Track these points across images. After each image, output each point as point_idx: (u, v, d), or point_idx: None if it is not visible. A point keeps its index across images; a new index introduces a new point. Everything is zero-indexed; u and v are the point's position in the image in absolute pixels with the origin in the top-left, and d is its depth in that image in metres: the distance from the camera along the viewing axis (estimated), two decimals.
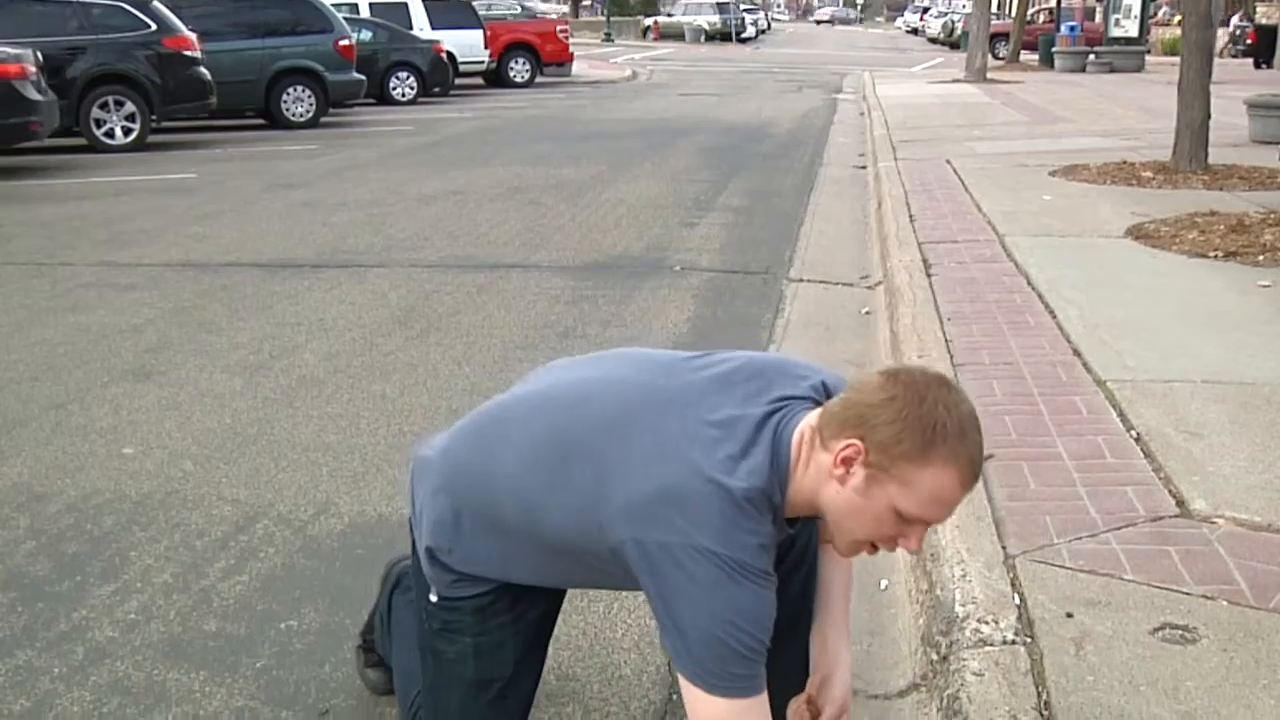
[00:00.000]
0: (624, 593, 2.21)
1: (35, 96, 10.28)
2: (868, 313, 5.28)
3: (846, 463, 1.55)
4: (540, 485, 1.69)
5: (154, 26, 11.80)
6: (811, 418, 1.62)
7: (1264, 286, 5.04)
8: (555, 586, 1.90)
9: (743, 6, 59.52)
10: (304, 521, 3.10)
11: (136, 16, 11.75)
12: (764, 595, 1.57)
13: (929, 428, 1.50)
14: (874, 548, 1.64)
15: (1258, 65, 24.41)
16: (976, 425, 1.56)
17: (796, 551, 1.86)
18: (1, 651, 2.47)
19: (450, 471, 1.83)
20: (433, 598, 1.87)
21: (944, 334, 4.34)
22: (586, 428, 1.69)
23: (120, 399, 4.12)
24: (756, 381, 1.68)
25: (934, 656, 2.30)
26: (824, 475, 1.58)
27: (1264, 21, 27.73)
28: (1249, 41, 26.54)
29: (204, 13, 13.51)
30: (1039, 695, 2.04)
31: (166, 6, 12.41)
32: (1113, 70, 23.27)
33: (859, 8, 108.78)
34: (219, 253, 6.69)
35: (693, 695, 1.58)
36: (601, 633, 2.51)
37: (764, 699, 1.59)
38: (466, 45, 20.45)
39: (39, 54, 10.39)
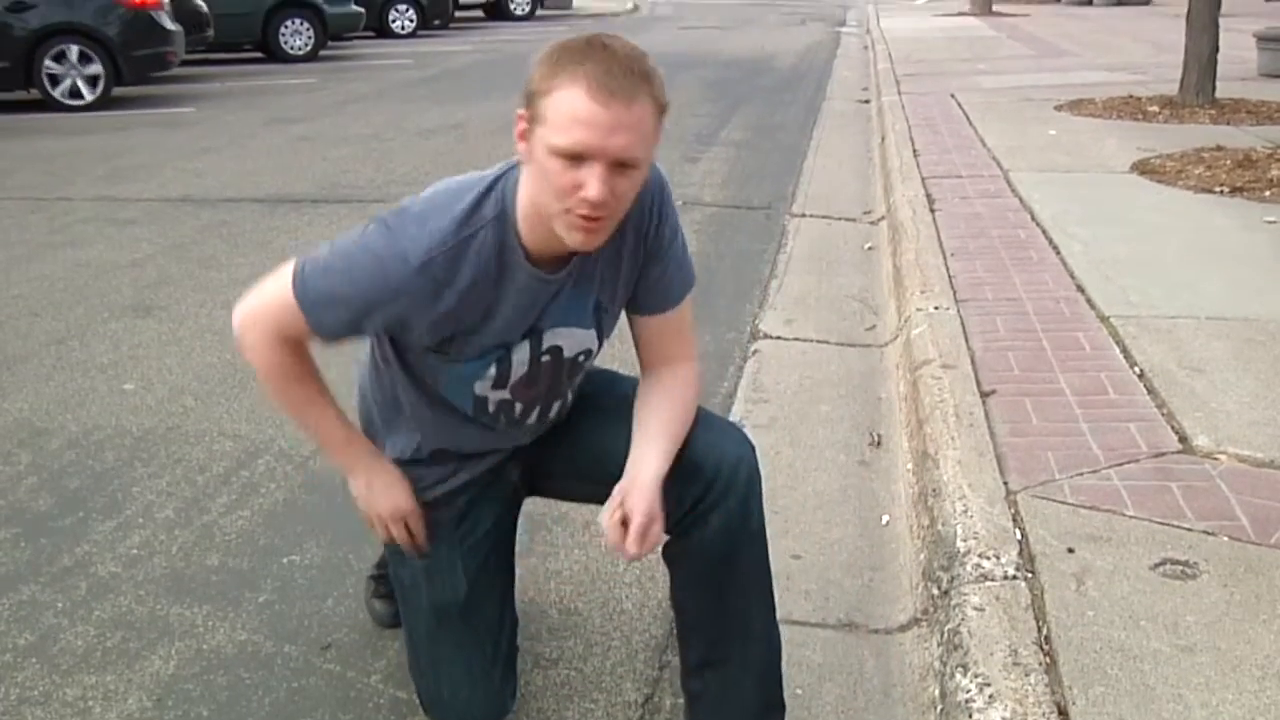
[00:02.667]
0: None
1: (170, 26, 10.45)
2: (870, 248, 5.24)
3: (522, 136, 1.56)
4: None
5: None
6: None
7: (1270, 222, 4.99)
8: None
9: None
10: (305, 457, 3.09)
11: None
12: (384, 283, 1.61)
13: (552, 56, 1.52)
14: (580, 217, 1.53)
15: None
16: (612, 49, 1.54)
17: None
18: (5, 586, 2.47)
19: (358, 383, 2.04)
20: None
21: (947, 270, 4.31)
22: None
23: (120, 334, 4.10)
24: None
25: (935, 591, 2.30)
26: (527, 169, 1.60)
27: None
28: None
29: None
30: (1039, 630, 2.04)
31: None
32: (1121, 3, 22.94)
33: None
34: (218, 188, 6.64)
35: (285, 274, 1.70)
36: (603, 568, 2.51)
37: (302, 320, 1.69)
38: None
39: None
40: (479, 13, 21.43)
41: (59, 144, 8.35)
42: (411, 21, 18.11)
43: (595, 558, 2.54)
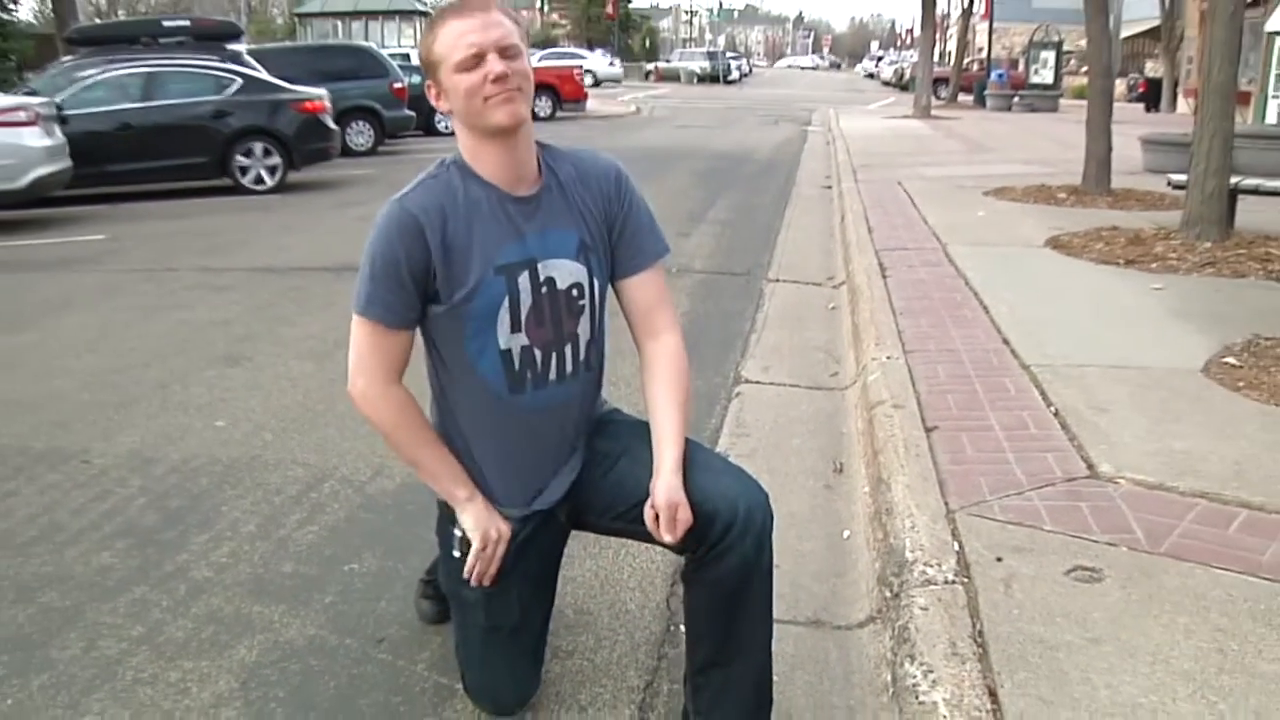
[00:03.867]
0: (630, 541, 2.20)
1: (332, 126, 11.04)
2: (834, 308, 5.26)
3: (438, 98, 1.70)
4: None
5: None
6: None
7: (1156, 289, 5.02)
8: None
9: (729, 54, 59.23)
10: (363, 481, 3.10)
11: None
12: (389, 237, 1.68)
13: (427, 28, 1.69)
14: (496, 96, 1.64)
15: (1148, 109, 24.68)
16: None
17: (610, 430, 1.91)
18: (120, 588, 2.48)
19: None
20: (455, 554, 1.85)
21: (897, 326, 4.32)
22: None
23: (214, 381, 4.11)
24: None
25: (887, 594, 2.30)
26: (455, 125, 1.73)
27: (1152, 74, 27.93)
28: (1141, 90, 26.83)
29: (286, 62, 13.40)
30: (974, 625, 2.04)
31: (256, 58, 12.37)
32: (1033, 110, 23.22)
33: (825, 58, 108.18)
34: (294, 259, 6.68)
35: (354, 318, 1.75)
36: (611, 574, 2.51)
37: (384, 333, 1.72)
38: None
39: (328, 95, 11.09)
40: None
41: (166, 226, 8.42)
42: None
43: (605, 566, 2.54)
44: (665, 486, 1.69)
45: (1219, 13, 5.99)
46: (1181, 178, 6.51)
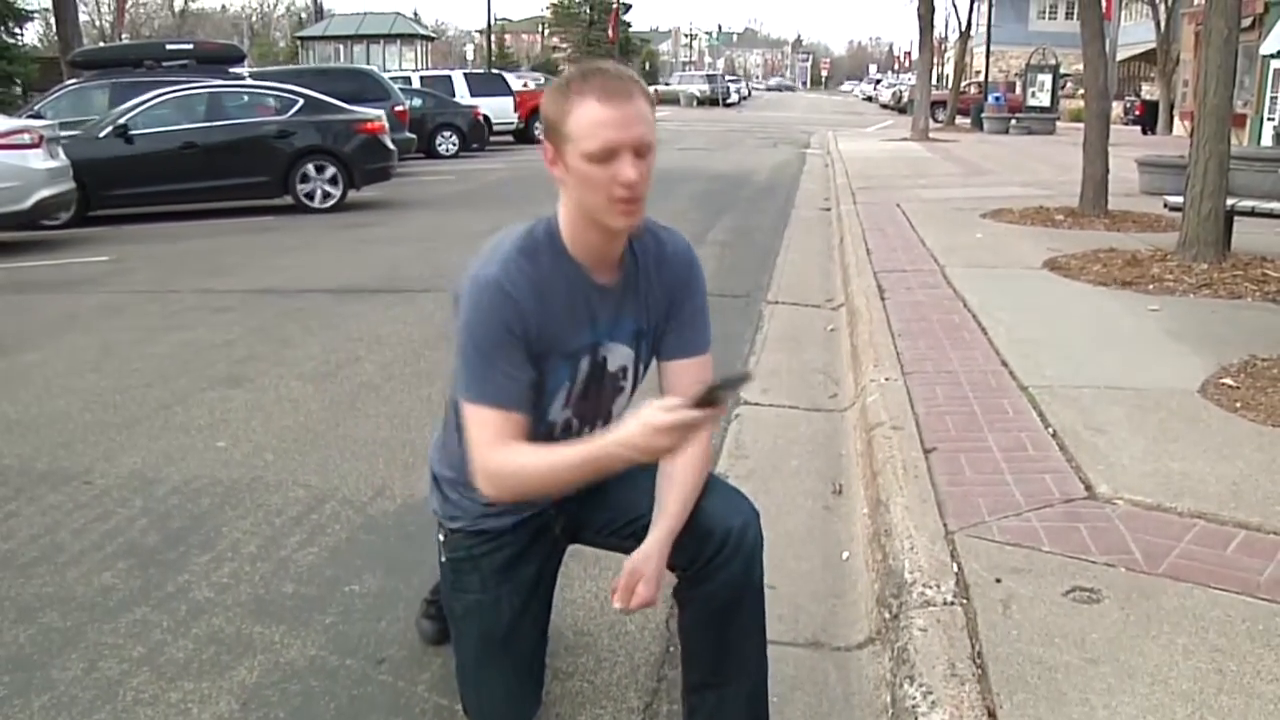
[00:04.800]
0: None
1: (391, 146, 11.06)
2: (832, 330, 5.28)
3: (553, 164, 1.59)
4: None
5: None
6: None
7: (1153, 310, 5.04)
8: None
9: (728, 77, 59.67)
10: (364, 502, 3.11)
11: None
12: (494, 311, 1.59)
13: (562, 90, 1.56)
14: (621, 202, 1.56)
15: (1144, 131, 24.84)
16: (605, 68, 1.58)
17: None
18: (121, 608, 2.48)
19: (433, 460, 1.95)
20: (443, 559, 1.89)
21: (895, 348, 4.34)
22: None
23: (215, 402, 4.12)
24: None
25: (887, 615, 2.30)
26: (563, 194, 1.63)
27: (1148, 97, 28.16)
28: (1137, 113, 27.03)
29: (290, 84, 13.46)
30: (973, 646, 2.05)
31: (258, 78, 12.47)
32: (1030, 133, 23.32)
33: (823, 81, 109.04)
34: (295, 281, 6.70)
35: (461, 403, 1.64)
36: (610, 596, 2.50)
37: (499, 413, 1.60)
38: (499, 109, 20.48)
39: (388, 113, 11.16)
40: (509, 137, 21.73)
41: (168, 248, 8.46)
42: (454, 145, 18.35)
43: (604, 587, 2.54)
44: (640, 554, 1.69)
45: (1214, 36, 6.05)
46: (1178, 200, 6.55)
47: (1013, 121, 24.56)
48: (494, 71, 25.80)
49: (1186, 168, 6.40)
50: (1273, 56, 17.56)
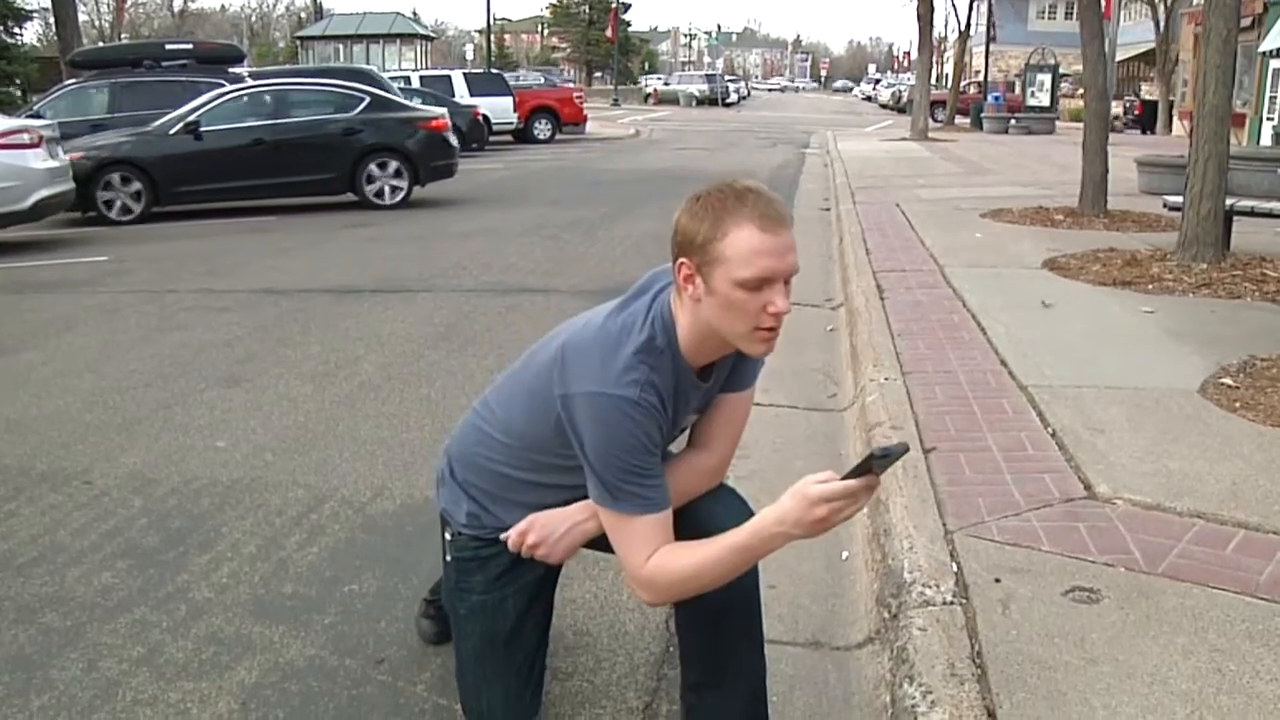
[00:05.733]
0: None
1: (454, 143, 11.13)
2: (832, 330, 5.29)
3: (688, 280, 1.55)
4: (519, 412, 1.77)
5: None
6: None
7: (1152, 310, 5.04)
8: (534, 501, 1.83)
9: (727, 77, 59.68)
10: (364, 503, 3.11)
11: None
12: (637, 427, 1.55)
13: (712, 209, 1.53)
14: (766, 330, 1.56)
15: (1143, 131, 24.81)
16: (759, 191, 1.55)
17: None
18: (120, 608, 2.48)
19: (455, 454, 1.93)
20: (448, 558, 1.90)
21: (895, 348, 4.34)
22: (538, 364, 1.74)
23: (215, 402, 4.12)
24: (642, 294, 1.70)
25: (886, 615, 2.30)
26: (688, 307, 1.59)
27: (1147, 97, 28.17)
28: (1136, 113, 27.03)
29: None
30: (972, 646, 2.05)
31: (258, 78, 12.46)
32: (1030, 133, 23.34)
33: (821, 80, 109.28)
34: (294, 281, 6.71)
35: (601, 512, 1.62)
36: (610, 596, 2.51)
37: (649, 519, 1.58)
38: (499, 109, 20.49)
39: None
40: (508, 137, 21.75)
41: (165, 248, 8.44)
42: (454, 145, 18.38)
43: (604, 588, 2.55)
44: (555, 515, 1.74)
45: (1213, 36, 6.06)
46: (1177, 199, 6.55)
47: (1012, 121, 24.58)
48: (493, 71, 25.78)
49: (1186, 168, 6.41)
50: (1272, 56, 17.57)
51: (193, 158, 9.91)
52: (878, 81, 68.57)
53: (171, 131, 10.00)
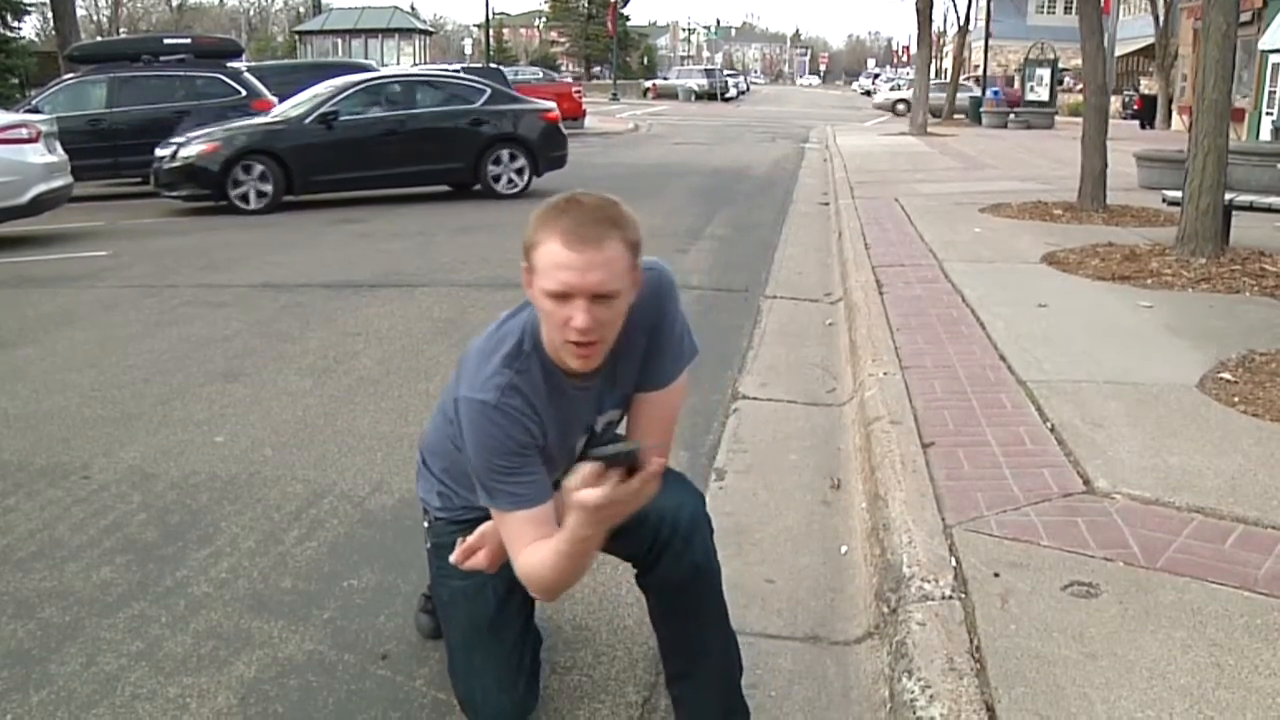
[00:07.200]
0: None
1: (566, 134, 11.59)
2: (830, 324, 5.28)
3: (527, 284, 1.60)
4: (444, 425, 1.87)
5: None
6: None
7: (1147, 306, 5.04)
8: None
9: (726, 71, 59.62)
10: (363, 497, 3.11)
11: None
12: (499, 429, 1.60)
13: (539, 216, 1.57)
14: (574, 344, 1.58)
15: (1143, 126, 24.86)
16: (586, 204, 1.56)
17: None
18: (120, 603, 2.48)
19: (426, 446, 2.02)
20: (429, 544, 1.95)
21: (894, 342, 4.34)
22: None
23: (213, 396, 4.12)
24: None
25: (885, 609, 2.31)
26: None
27: (1146, 91, 28.16)
28: (1136, 107, 27.01)
29: (285, 80, 13.13)
30: (971, 641, 2.05)
31: (255, 75, 12.48)
32: (1029, 127, 23.35)
33: (821, 75, 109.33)
34: (293, 276, 6.69)
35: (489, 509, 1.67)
36: (609, 591, 2.51)
37: (521, 515, 1.61)
38: None
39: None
40: None
41: (164, 243, 8.43)
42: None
43: (603, 583, 2.54)
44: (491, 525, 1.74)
45: (1212, 31, 6.04)
46: (1176, 194, 6.55)
47: (1011, 116, 24.59)
48: (493, 66, 25.73)
49: (1185, 162, 6.40)
50: (1271, 51, 17.55)
51: (326, 147, 10.10)
52: (876, 76, 68.45)
53: (306, 122, 10.18)
